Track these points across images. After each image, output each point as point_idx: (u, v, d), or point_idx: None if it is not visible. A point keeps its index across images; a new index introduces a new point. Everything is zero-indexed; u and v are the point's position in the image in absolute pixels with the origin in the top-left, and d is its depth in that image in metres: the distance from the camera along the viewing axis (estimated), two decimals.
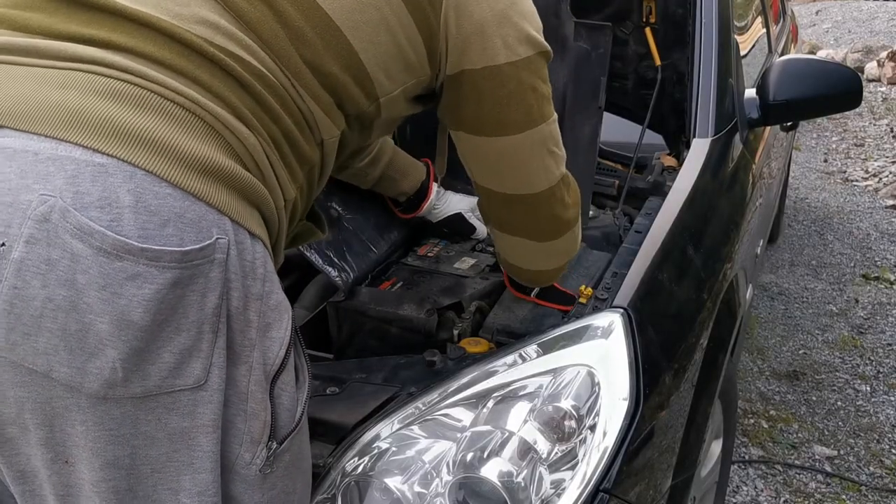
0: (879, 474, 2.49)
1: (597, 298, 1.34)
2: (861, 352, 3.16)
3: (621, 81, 2.10)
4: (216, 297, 0.81)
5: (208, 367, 0.82)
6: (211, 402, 0.83)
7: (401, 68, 1.04)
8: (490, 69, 1.07)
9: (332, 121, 0.99)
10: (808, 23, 9.84)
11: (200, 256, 0.79)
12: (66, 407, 0.80)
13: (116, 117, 0.79)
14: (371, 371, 1.28)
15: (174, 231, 0.78)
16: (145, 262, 0.76)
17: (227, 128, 0.85)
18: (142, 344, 0.78)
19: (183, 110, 0.82)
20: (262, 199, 0.88)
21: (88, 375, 0.78)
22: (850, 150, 5.77)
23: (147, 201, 0.77)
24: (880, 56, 7.39)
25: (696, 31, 1.90)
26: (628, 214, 1.73)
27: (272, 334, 0.88)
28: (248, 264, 0.84)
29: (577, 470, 1.09)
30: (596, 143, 1.73)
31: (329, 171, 1.06)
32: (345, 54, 0.97)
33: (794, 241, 4.22)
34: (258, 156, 0.88)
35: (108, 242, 0.75)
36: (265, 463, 0.89)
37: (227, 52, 0.87)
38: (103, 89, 0.80)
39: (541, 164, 1.17)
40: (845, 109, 2.03)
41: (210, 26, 0.87)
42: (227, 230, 0.82)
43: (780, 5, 3.91)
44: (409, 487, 1.08)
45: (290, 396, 0.92)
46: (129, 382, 0.79)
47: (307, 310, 1.53)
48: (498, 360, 1.21)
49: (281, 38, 0.92)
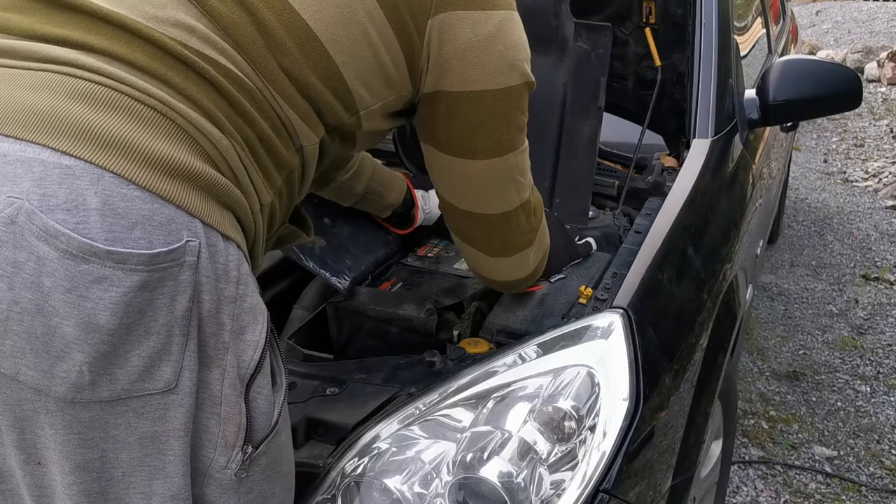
0: (879, 475, 2.49)
1: (597, 299, 1.34)
2: (861, 352, 3.17)
3: (621, 82, 2.10)
4: (186, 299, 0.80)
5: (179, 370, 0.81)
6: (182, 405, 0.82)
7: (381, 83, 1.03)
8: (466, 94, 1.07)
9: (311, 128, 0.98)
10: (808, 23, 9.84)
11: (169, 259, 0.78)
12: (35, 410, 0.79)
13: (85, 119, 0.78)
14: (371, 371, 1.28)
15: (142, 234, 0.77)
16: (112, 265, 0.76)
17: (199, 130, 0.84)
18: (109, 348, 0.77)
19: (153, 112, 0.82)
20: (235, 201, 0.88)
21: (55, 379, 0.77)
22: (850, 151, 5.77)
23: (114, 204, 0.76)
24: (880, 56, 7.40)
25: (696, 31, 1.90)
26: (628, 215, 1.73)
27: (246, 337, 0.87)
28: (221, 267, 0.84)
29: (576, 470, 1.09)
30: (596, 143, 1.73)
31: (311, 176, 1.05)
32: (324, 66, 0.96)
33: (794, 241, 4.22)
34: (231, 159, 0.88)
35: (73, 245, 0.74)
36: (240, 467, 0.89)
37: (201, 55, 0.87)
38: (73, 91, 0.80)
39: (501, 191, 1.18)
40: (845, 110, 2.03)
41: (185, 29, 0.87)
42: (199, 233, 0.81)
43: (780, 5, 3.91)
44: (409, 488, 1.08)
45: (265, 400, 0.90)
46: (97, 386, 0.78)
47: (307, 310, 1.53)
48: (498, 361, 1.21)
49: (258, 45, 0.91)
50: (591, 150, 1.72)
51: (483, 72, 1.06)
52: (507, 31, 1.08)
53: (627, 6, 1.99)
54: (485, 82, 1.07)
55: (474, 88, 1.07)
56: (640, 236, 1.47)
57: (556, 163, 1.74)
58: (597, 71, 1.74)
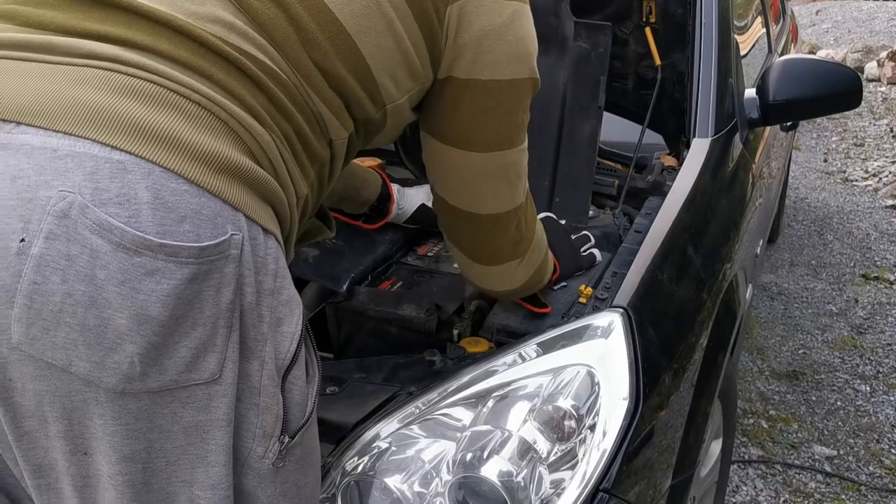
0: (879, 474, 2.49)
1: (597, 298, 1.34)
2: (861, 352, 3.17)
3: (621, 81, 2.10)
4: (230, 292, 0.82)
5: (222, 361, 0.83)
6: (225, 396, 0.84)
7: (407, 75, 1.04)
8: (473, 82, 1.07)
9: (342, 123, 1.00)
10: (808, 23, 9.84)
11: (216, 252, 0.80)
12: (85, 401, 0.80)
13: (134, 114, 0.79)
14: (371, 371, 1.28)
15: (191, 227, 0.79)
16: (164, 258, 0.77)
17: (242, 125, 0.86)
18: (159, 339, 0.78)
19: (199, 107, 0.83)
20: (275, 195, 0.89)
21: (107, 370, 0.78)
22: (850, 150, 5.78)
23: (165, 197, 0.78)
24: (880, 56, 7.40)
25: (696, 31, 1.90)
26: (628, 214, 1.73)
27: (283, 329, 0.88)
28: (261, 260, 0.85)
29: (576, 470, 1.09)
30: (596, 142, 1.73)
31: (338, 171, 1.07)
32: (353, 59, 0.97)
33: (794, 241, 4.22)
34: (272, 153, 0.89)
35: (126, 238, 0.76)
36: (277, 457, 0.90)
37: (241, 51, 0.88)
38: (120, 86, 0.81)
39: (493, 189, 1.17)
40: (845, 109, 2.03)
41: (225, 25, 0.88)
42: (242, 226, 0.83)
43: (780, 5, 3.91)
44: (409, 487, 1.08)
45: (300, 391, 0.92)
46: (147, 377, 0.79)
47: (307, 309, 1.53)
48: (498, 360, 1.21)
49: (293, 40, 0.93)
50: (591, 150, 1.72)
51: (493, 60, 1.07)
52: (519, 23, 1.09)
53: (627, 5, 1.99)
54: (493, 71, 1.07)
55: (482, 77, 1.07)
56: (640, 236, 1.47)
57: (556, 162, 1.74)
58: (597, 70, 1.74)
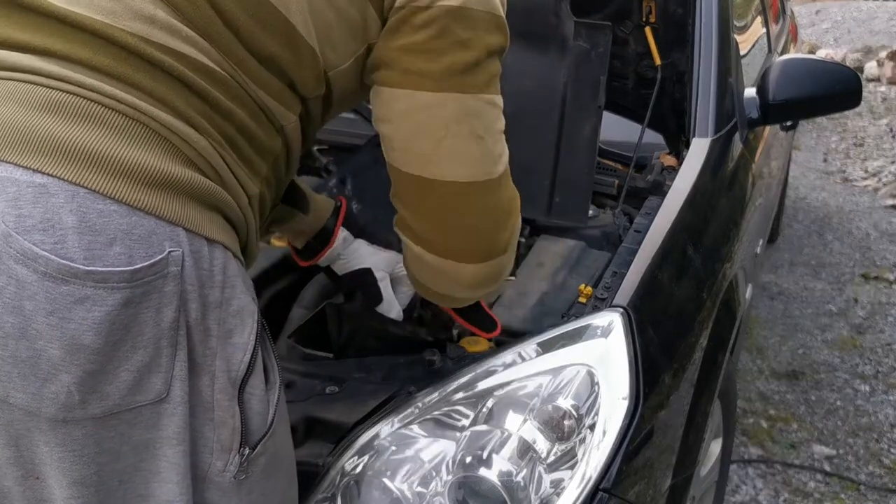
0: (878, 474, 2.49)
1: (596, 298, 1.34)
2: (860, 351, 3.17)
3: (621, 81, 2.09)
4: (172, 310, 0.79)
5: (169, 380, 0.80)
6: (174, 414, 0.82)
7: (346, 35, 0.96)
8: (412, 8, 0.95)
9: (286, 107, 0.94)
10: (808, 23, 9.84)
11: (152, 272, 0.77)
12: (28, 429, 0.79)
13: (55, 133, 0.75)
14: (370, 370, 1.28)
15: (122, 249, 0.75)
16: (92, 285, 0.74)
17: (174, 132, 0.81)
18: (96, 366, 0.76)
19: (124, 118, 0.79)
20: (221, 201, 0.85)
21: (45, 400, 0.76)
22: (850, 150, 5.77)
23: (91, 220, 0.74)
24: (880, 56, 7.39)
25: (696, 30, 1.90)
26: (628, 214, 1.73)
27: (234, 340, 0.85)
28: (206, 273, 0.82)
29: (576, 469, 1.09)
30: (596, 142, 1.73)
31: (298, 155, 1.01)
32: (282, 31, 0.90)
33: (794, 240, 4.22)
34: (212, 158, 0.85)
35: (52, 267, 0.73)
36: (239, 469, 0.88)
37: (166, 50, 0.83)
38: (41, 101, 0.76)
39: (458, 145, 0.98)
40: (845, 109, 2.04)
41: (146, 20, 0.82)
42: (181, 241, 0.79)
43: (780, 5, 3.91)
44: (409, 487, 1.08)
45: (259, 400, 0.89)
46: (87, 404, 0.77)
47: (307, 309, 1.53)
48: (497, 360, 1.21)
49: (217, 25, 0.86)
50: (591, 150, 1.71)
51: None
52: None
53: (627, 5, 1.99)
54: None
55: (419, 3, 0.95)
56: (640, 235, 1.47)
57: (556, 162, 1.73)
58: (596, 70, 1.74)
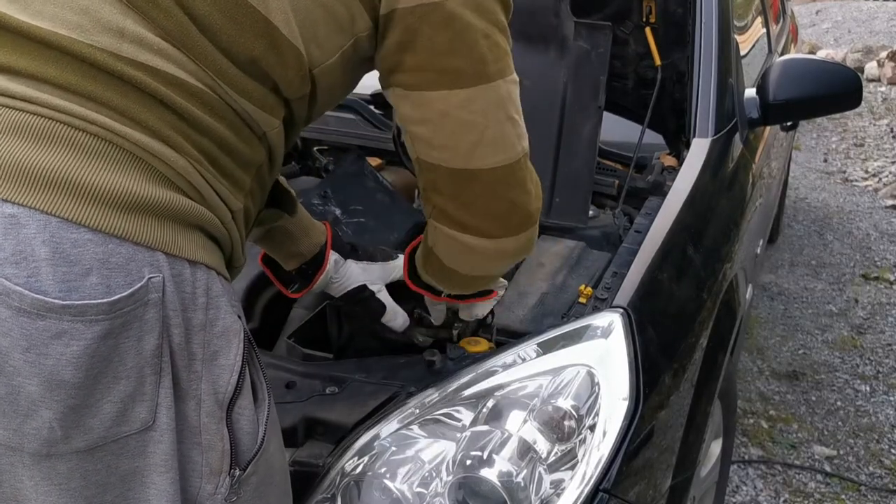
0: (879, 474, 2.49)
1: (597, 298, 1.34)
2: (861, 352, 3.16)
3: (621, 81, 2.09)
4: (155, 337, 0.76)
5: (154, 408, 0.78)
6: (161, 441, 0.79)
7: (332, 30, 0.91)
8: (425, 6, 0.91)
9: (269, 112, 0.89)
10: (808, 23, 9.84)
11: (132, 302, 0.74)
12: (12, 464, 0.77)
13: (23, 158, 0.72)
14: (371, 371, 1.28)
15: (98, 279, 0.72)
16: (70, 319, 0.71)
17: (149, 153, 0.77)
18: (77, 401, 0.74)
19: (96, 140, 0.75)
20: (204, 220, 0.82)
21: (26, 437, 0.75)
22: (850, 150, 5.77)
23: (65, 251, 0.71)
24: (880, 56, 7.39)
25: (696, 31, 1.90)
26: (628, 214, 1.73)
27: (220, 362, 0.82)
28: (188, 295, 0.79)
29: (576, 470, 1.09)
30: (596, 142, 1.73)
31: (281, 158, 0.97)
32: (263, 32, 0.85)
33: (794, 241, 4.22)
34: (191, 176, 0.81)
35: (26, 302, 0.70)
36: (230, 491, 0.85)
37: (136, 65, 0.78)
38: (7, 125, 0.73)
39: (498, 132, 0.97)
40: (845, 109, 2.03)
41: (115, 34, 0.78)
42: (161, 266, 0.76)
43: (780, 5, 3.91)
44: (409, 487, 1.08)
45: (249, 420, 0.86)
46: (71, 439, 0.76)
47: (307, 309, 1.53)
48: (498, 360, 1.21)
49: (192, 33, 0.81)
50: (591, 150, 1.71)
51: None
52: None
53: (627, 5, 1.99)
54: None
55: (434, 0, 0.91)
56: (640, 236, 1.47)
57: (556, 162, 1.73)
58: (597, 70, 1.74)
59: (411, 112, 0.98)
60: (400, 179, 1.97)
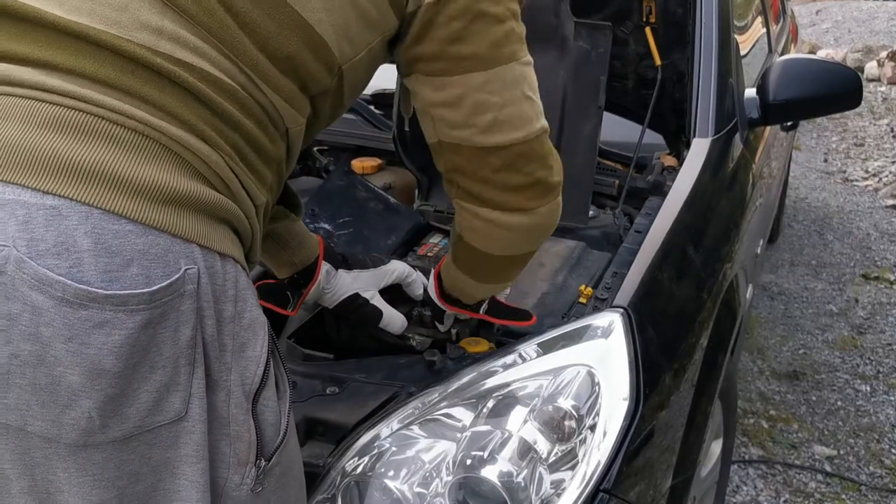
0: (879, 474, 2.49)
1: (597, 298, 1.34)
2: (861, 352, 3.16)
3: (621, 81, 2.10)
4: (190, 328, 0.78)
5: (187, 398, 0.79)
6: (193, 432, 0.81)
7: (362, 28, 0.95)
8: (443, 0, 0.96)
9: (297, 109, 0.93)
10: (808, 23, 9.84)
11: (170, 292, 0.75)
12: (47, 457, 0.78)
13: (64, 152, 0.73)
14: (371, 371, 1.28)
15: (139, 270, 0.74)
16: (112, 309, 0.72)
17: (185, 147, 0.79)
18: (117, 390, 0.75)
19: (135, 134, 0.76)
20: (232, 214, 0.84)
21: (65, 427, 0.75)
22: (850, 150, 5.77)
23: (107, 242, 0.72)
24: (880, 56, 7.39)
25: (696, 31, 1.90)
26: (628, 214, 1.73)
27: (248, 354, 0.84)
28: (220, 288, 0.80)
29: (577, 470, 1.09)
30: (596, 142, 1.73)
31: (297, 156, 1.00)
32: (299, 31, 0.88)
33: (794, 240, 4.22)
34: (222, 171, 0.83)
35: (69, 292, 0.71)
36: (256, 482, 0.87)
37: (174, 61, 0.80)
38: (46, 119, 0.74)
39: (515, 110, 1.02)
40: (845, 109, 2.03)
41: (153, 31, 0.79)
42: (196, 258, 0.78)
43: (780, 5, 3.91)
44: (409, 487, 1.08)
45: (272, 411, 0.89)
46: (108, 428, 0.76)
47: (307, 310, 1.53)
48: (498, 360, 1.21)
49: (232, 29, 0.84)
50: (591, 150, 1.72)
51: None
52: None
53: (627, 5, 1.99)
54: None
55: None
56: (641, 236, 1.47)
57: None
58: (597, 70, 1.74)
59: (432, 95, 1.03)
60: (400, 179, 1.97)
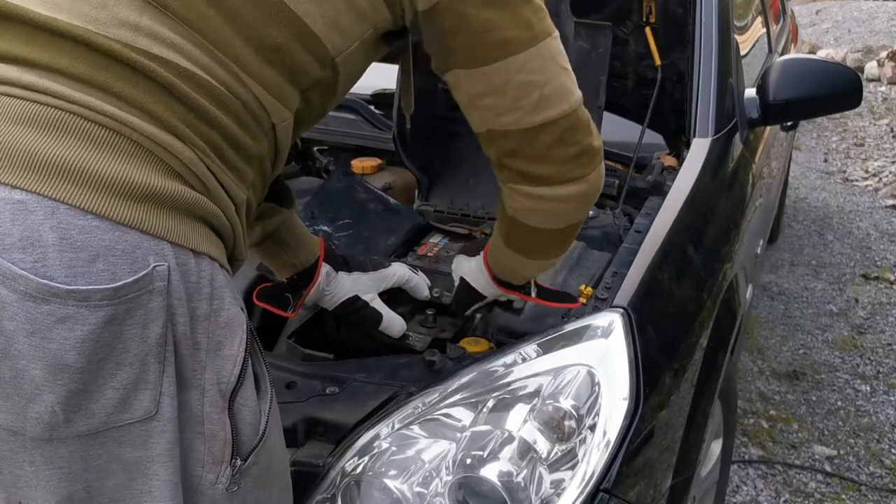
0: (879, 474, 2.49)
1: (597, 298, 1.34)
2: (861, 352, 3.16)
3: (621, 81, 2.10)
4: (159, 326, 0.77)
5: (157, 397, 0.79)
6: (164, 431, 0.80)
7: (354, 20, 0.94)
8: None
9: (284, 103, 0.92)
10: (808, 23, 9.84)
11: (136, 288, 0.75)
12: (13, 450, 0.78)
13: (33, 147, 0.74)
14: (371, 371, 1.28)
15: (105, 266, 0.74)
16: (74, 304, 0.73)
17: (157, 143, 0.79)
18: (80, 385, 0.75)
19: (106, 130, 0.77)
20: (207, 212, 0.83)
21: (28, 420, 0.76)
22: (850, 150, 5.77)
23: (72, 237, 0.73)
24: (880, 56, 7.39)
25: (696, 31, 1.90)
26: (628, 214, 1.73)
27: (224, 352, 0.84)
28: (193, 286, 0.80)
29: (576, 470, 1.09)
30: None
31: (286, 153, 0.99)
32: (287, 22, 0.88)
33: (794, 240, 4.22)
34: (197, 168, 0.82)
35: (31, 286, 0.71)
36: (231, 481, 0.86)
37: (150, 56, 0.80)
38: (17, 114, 0.75)
39: (558, 84, 1.03)
40: (845, 109, 2.03)
41: (130, 27, 0.80)
42: (167, 255, 0.78)
43: (780, 5, 3.91)
44: (409, 487, 1.07)
45: (251, 410, 0.88)
46: (73, 423, 0.77)
47: (307, 310, 1.53)
48: (498, 360, 1.21)
49: (214, 22, 0.84)
50: None
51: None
52: None
53: (627, 5, 1.99)
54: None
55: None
56: (641, 236, 1.47)
57: None
58: (597, 70, 1.74)
59: (476, 87, 1.03)
60: (400, 179, 1.97)
